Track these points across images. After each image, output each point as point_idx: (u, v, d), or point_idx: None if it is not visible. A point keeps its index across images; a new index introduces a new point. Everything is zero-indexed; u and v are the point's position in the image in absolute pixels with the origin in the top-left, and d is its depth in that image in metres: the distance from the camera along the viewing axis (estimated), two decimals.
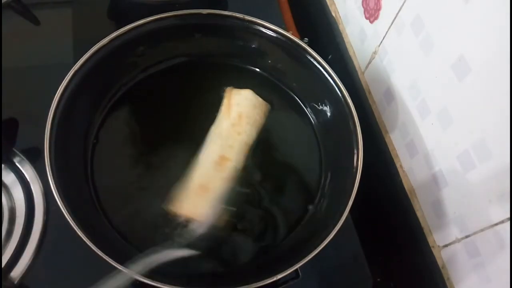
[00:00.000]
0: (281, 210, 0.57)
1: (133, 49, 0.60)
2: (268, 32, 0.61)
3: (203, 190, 0.54)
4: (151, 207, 0.55)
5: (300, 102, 0.64)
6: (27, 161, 0.57)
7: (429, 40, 0.49)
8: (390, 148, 0.61)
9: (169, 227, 0.52)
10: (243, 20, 0.61)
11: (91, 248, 0.45)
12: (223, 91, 0.62)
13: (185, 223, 0.52)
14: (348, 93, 0.57)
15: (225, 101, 0.61)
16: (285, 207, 0.58)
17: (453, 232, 0.49)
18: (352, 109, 0.56)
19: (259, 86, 0.63)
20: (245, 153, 0.58)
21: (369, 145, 0.55)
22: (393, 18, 0.55)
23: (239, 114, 0.59)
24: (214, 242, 0.52)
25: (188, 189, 0.54)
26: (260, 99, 0.61)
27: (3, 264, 0.51)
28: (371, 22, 0.61)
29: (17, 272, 0.52)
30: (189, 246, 0.49)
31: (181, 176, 0.56)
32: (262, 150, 0.60)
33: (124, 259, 0.45)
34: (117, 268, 0.44)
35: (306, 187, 0.59)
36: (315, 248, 0.47)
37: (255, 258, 0.54)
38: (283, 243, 0.55)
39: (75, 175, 0.53)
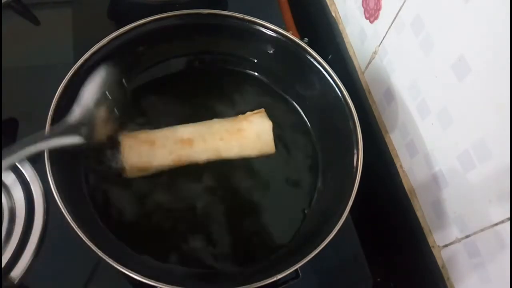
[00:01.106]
0: (280, 212, 0.57)
1: (133, 49, 0.60)
2: (268, 32, 0.61)
3: (150, 143, 0.55)
4: (152, 206, 0.55)
5: (300, 102, 0.64)
6: (27, 161, 0.57)
7: (429, 40, 0.49)
8: (390, 148, 0.61)
9: None
10: (243, 20, 0.61)
11: (91, 248, 0.45)
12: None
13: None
14: (348, 93, 0.57)
15: (248, 113, 0.60)
16: (284, 209, 0.58)
17: (453, 232, 0.49)
18: (352, 109, 0.56)
19: (259, 86, 0.63)
20: (209, 158, 0.57)
21: (369, 145, 0.55)
22: (393, 18, 0.55)
23: (239, 129, 0.59)
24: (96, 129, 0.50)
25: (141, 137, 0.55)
26: (270, 138, 0.59)
27: (3, 264, 0.51)
28: (371, 22, 0.61)
29: (17, 272, 0.52)
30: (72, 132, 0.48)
31: None
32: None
33: (124, 259, 0.45)
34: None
35: (306, 188, 0.59)
36: (315, 248, 0.47)
37: (255, 259, 0.54)
38: (284, 244, 0.55)
39: (75, 175, 0.53)
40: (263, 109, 0.61)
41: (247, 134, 0.58)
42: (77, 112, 0.48)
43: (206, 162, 0.57)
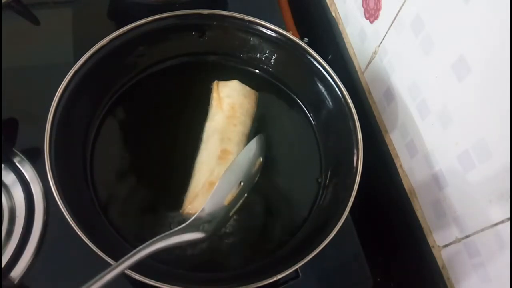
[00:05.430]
0: (280, 212, 0.57)
1: (133, 49, 0.60)
2: (268, 32, 0.61)
3: (212, 186, 0.53)
4: (152, 206, 0.55)
5: (300, 102, 0.64)
6: (27, 161, 0.57)
7: (429, 40, 0.49)
8: (390, 148, 0.61)
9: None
10: (243, 20, 0.61)
11: (91, 248, 0.45)
12: (211, 85, 0.62)
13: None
14: (348, 93, 0.57)
15: (214, 95, 0.61)
16: (284, 208, 0.58)
17: (453, 232, 0.49)
18: (352, 109, 0.56)
19: (259, 86, 0.63)
20: (244, 144, 0.58)
21: (369, 145, 0.55)
22: (393, 18, 0.55)
23: (231, 106, 0.59)
24: (221, 225, 0.49)
25: (197, 188, 0.54)
26: (248, 88, 0.62)
27: (3, 264, 0.51)
28: (371, 22, 0.61)
29: (17, 272, 0.52)
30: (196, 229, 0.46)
31: (182, 175, 0.56)
32: None
33: None
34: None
35: (306, 188, 0.59)
36: (315, 248, 0.47)
37: (255, 259, 0.54)
38: (284, 244, 0.55)
39: (75, 175, 0.53)
40: (216, 81, 0.61)
41: (237, 104, 0.59)
42: (208, 209, 0.47)
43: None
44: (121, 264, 0.40)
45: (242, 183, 0.49)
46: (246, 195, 0.50)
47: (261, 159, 0.52)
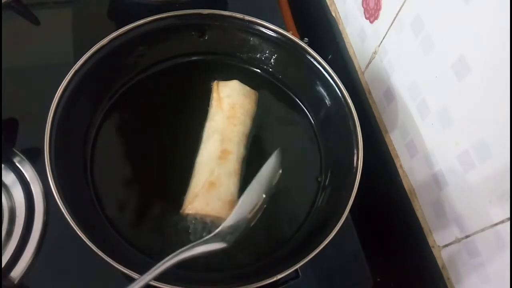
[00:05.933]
0: (280, 212, 0.57)
1: (133, 49, 0.60)
2: (268, 32, 0.61)
3: (212, 186, 0.54)
4: (152, 206, 0.55)
5: (300, 102, 0.64)
6: (27, 161, 0.57)
7: (429, 40, 0.49)
8: (390, 148, 0.61)
9: (177, 227, 0.53)
10: (243, 20, 0.61)
11: (91, 248, 0.45)
12: (211, 85, 0.62)
13: (200, 222, 0.53)
14: (348, 93, 0.57)
15: (214, 95, 0.61)
16: (284, 208, 0.58)
17: (453, 232, 0.50)
18: (352, 109, 0.56)
19: (260, 86, 0.64)
20: (244, 143, 0.58)
21: (369, 145, 0.55)
22: (393, 18, 0.55)
23: (231, 106, 0.59)
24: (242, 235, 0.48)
25: (197, 188, 0.54)
26: (248, 88, 0.62)
27: (3, 264, 0.51)
28: (371, 22, 0.61)
29: (17, 272, 0.52)
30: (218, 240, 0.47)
31: (182, 175, 0.56)
32: (261, 151, 0.60)
33: (124, 259, 0.45)
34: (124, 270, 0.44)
35: (306, 188, 0.59)
36: (315, 248, 0.47)
37: (255, 259, 0.54)
38: (284, 244, 0.55)
39: (75, 175, 0.53)
40: (216, 81, 0.62)
41: (238, 104, 0.59)
42: (232, 221, 0.47)
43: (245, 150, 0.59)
44: (148, 275, 0.41)
45: (264, 196, 0.50)
46: (265, 206, 0.50)
47: (281, 171, 0.53)
